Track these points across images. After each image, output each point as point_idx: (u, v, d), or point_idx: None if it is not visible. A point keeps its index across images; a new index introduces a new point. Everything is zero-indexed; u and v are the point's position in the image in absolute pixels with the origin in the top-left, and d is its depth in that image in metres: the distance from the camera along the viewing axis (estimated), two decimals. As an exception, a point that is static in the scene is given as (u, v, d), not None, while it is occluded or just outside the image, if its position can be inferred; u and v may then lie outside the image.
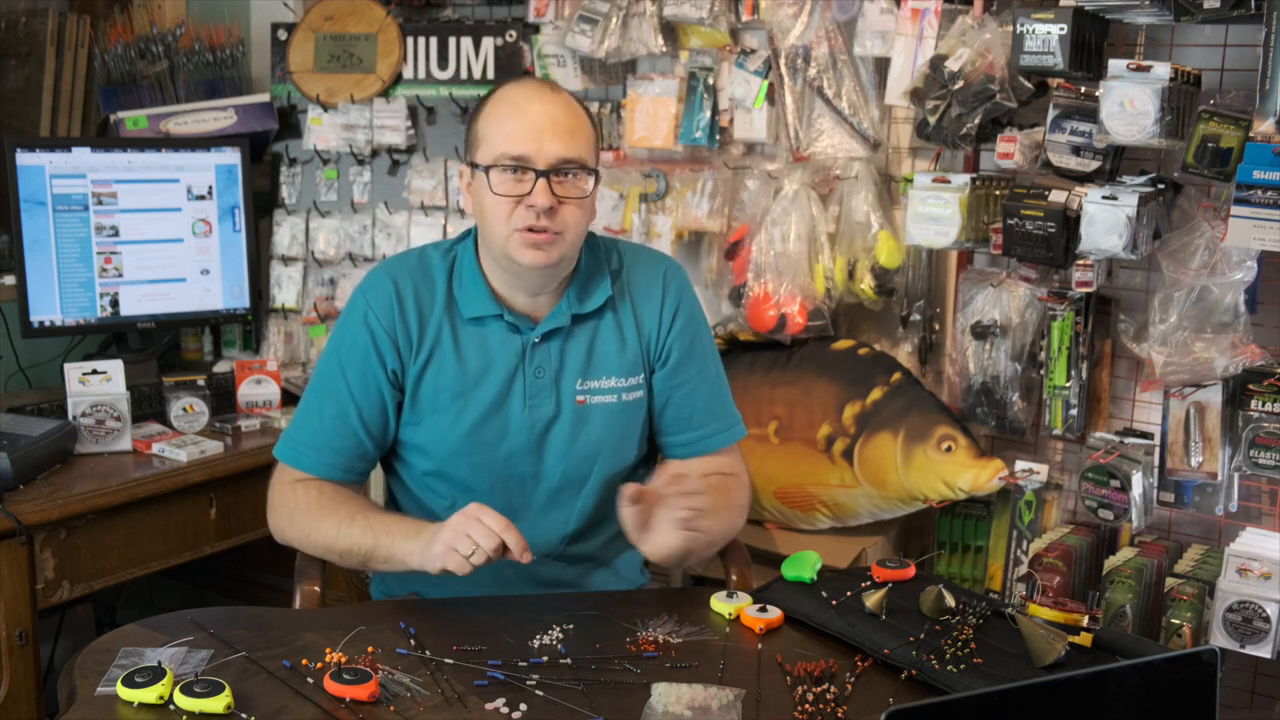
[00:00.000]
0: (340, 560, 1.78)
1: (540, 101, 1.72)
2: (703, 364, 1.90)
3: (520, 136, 1.70)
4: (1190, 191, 2.21)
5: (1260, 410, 2.07)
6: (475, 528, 1.58)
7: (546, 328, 1.81)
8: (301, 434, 1.83)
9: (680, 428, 1.90)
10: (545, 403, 1.81)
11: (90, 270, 2.71)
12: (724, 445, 1.91)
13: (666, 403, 1.89)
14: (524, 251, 1.72)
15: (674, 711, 1.36)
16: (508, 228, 1.72)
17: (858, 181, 2.56)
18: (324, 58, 3.07)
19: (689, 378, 1.88)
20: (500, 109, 1.74)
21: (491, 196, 1.71)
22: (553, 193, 1.69)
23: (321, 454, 1.80)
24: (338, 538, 1.74)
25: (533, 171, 1.69)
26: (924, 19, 2.39)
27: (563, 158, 1.70)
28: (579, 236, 1.76)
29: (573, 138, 1.71)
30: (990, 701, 1.07)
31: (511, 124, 1.71)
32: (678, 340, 1.87)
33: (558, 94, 1.76)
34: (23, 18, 2.93)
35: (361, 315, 1.81)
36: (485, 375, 1.80)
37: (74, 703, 1.41)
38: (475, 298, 1.81)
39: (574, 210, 1.72)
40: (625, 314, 1.86)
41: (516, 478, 1.83)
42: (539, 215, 1.69)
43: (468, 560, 1.57)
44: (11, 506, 2.09)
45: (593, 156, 1.76)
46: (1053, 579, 2.19)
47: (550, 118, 1.71)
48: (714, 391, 1.92)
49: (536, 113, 1.71)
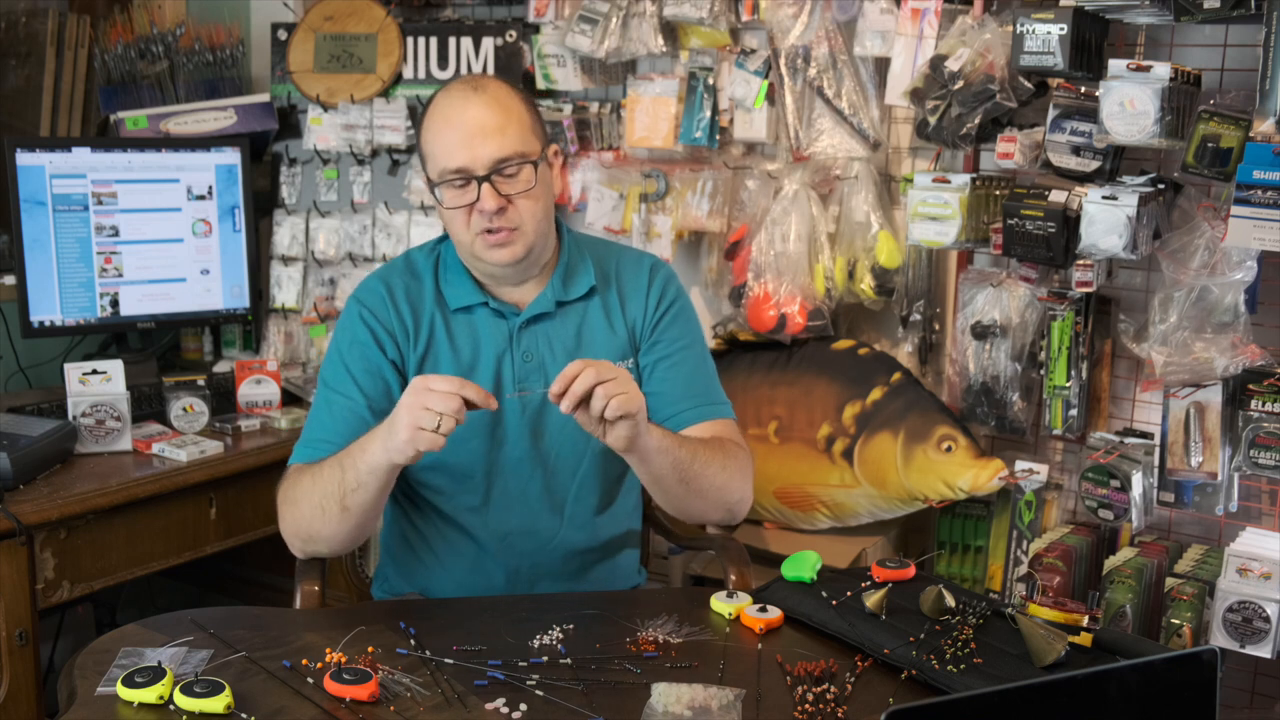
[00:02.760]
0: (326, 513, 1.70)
1: (466, 108, 1.75)
2: (686, 344, 1.91)
3: (454, 148, 1.74)
4: (1190, 191, 2.21)
5: (1260, 410, 2.07)
6: (429, 399, 1.54)
7: (531, 313, 1.84)
8: (314, 433, 1.83)
9: (660, 404, 1.87)
10: (535, 386, 1.82)
11: (90, 270, 2.71)
12: (702, 419, 1.87)
13: (649, 378, 1.89)
14: (490, 252, 1.78)
15: (674, 711, 1.36)
16: (469, 234, 1.78)
17: (858, 181, 2.56)
18: (324, 58, 3.07)
19: (672, 352, 1.89)
20: (434, 123, 1.79)
21: (447, 210, 1.78)
22: (499, 193, 1.74)
23: (335, 445, 1.78)
24: (314, 488, 1.70)
25: (474, 179, 1.74)
26: (924, 19, 2.39)
27: (497, 158, 1.74)
28: (539, 222, 1.79)
29: (503, 135, 1.74)
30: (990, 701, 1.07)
31: (445, 137, 1.76)
32: (662, 320, 1.90)
33: (482, 93, 1.77)
34: (23, 18, 2.93)
35: (357, 315, 1.84)
36: (477, 362, 1.84)
37: (74, 703, 1.41)
38: (460, 289, 1.85)
39: (525, 202, 1.77)
40: (613, 301, 1.90)
41: (512, 463, 1.83)
42: (490, 218, 1.74)
43: (438, 432, 1.54)
44: (11, 506, 2.09)
45: (532, 143, 1.78)
46: (1053, 579, 2.19)
47: (478, 122, 1.74)
48: (696, 372, 1.91)
49: (464, 121, 1.75)
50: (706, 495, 1.79)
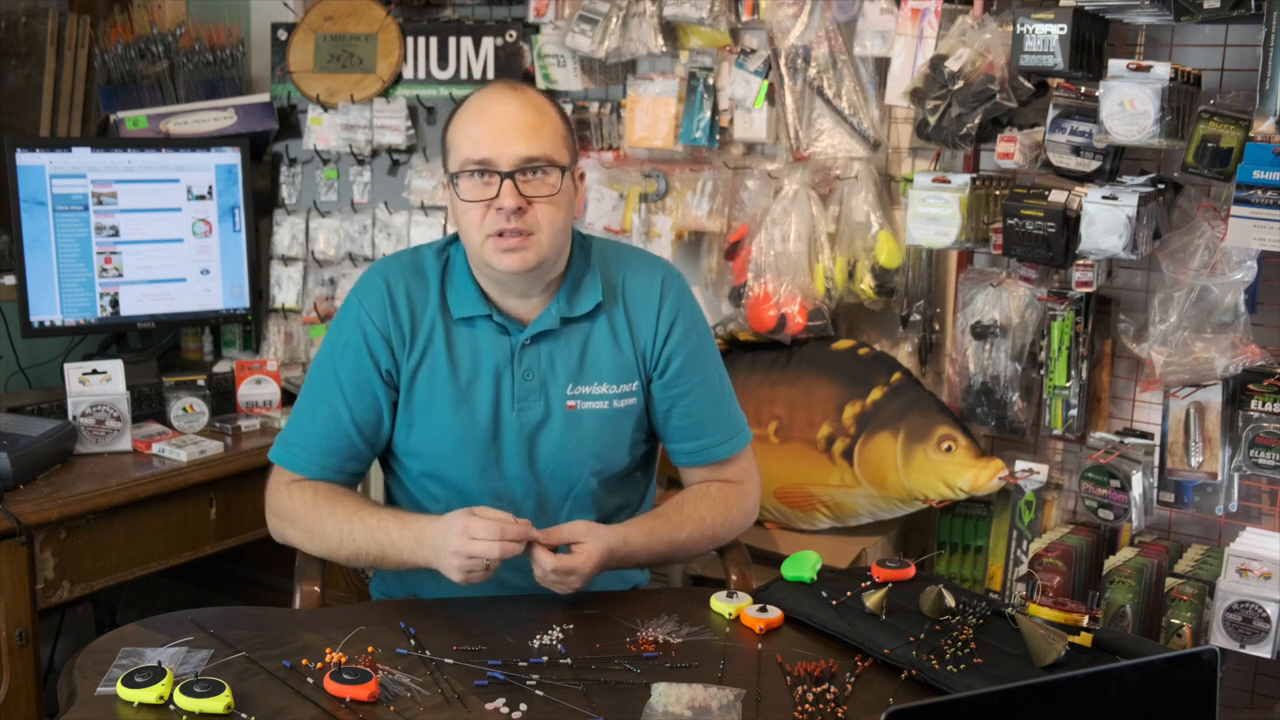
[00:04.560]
0: (351, 562, 1.79)
1: (502, 104, 1.73)
2: (705, 371, 1.89)
3: (483, 140, 1.70)
4: (1190, 191, 2.21)
5: (1260, 410, 2.07)
6: (475, 547, 1.60)
7: (535, 330, 1.80)
8: (295, 436, 1.83)
9: (684, 436, 1.89)
10: (534, 405, 1.80)
11: (90, 270, 2.71)
12: (729, 454, 1.91)
13: (670, 411, 1.88)
14: (500, 257, 1.72)
15: (674, 711, 1.36)
16: (481, 234, 1.72)
17: (858, 181, 2.56)
18: (324, 58, 3.07)
19: (692, 386, 1.87)
20: (465, 115, 1.76)
21: (462, 203, 1.73)
22: (520, 193, 1.69)
23: (314, 455, 1.80)
24: (341, 543, 1.75)
25: (497, 174, 1.70)
26: (924, 19, 2.39)
27: (526, 157, 1.70)
28: (556, 234, 1.74)
29: (536, 135, 1.71)
30: (990, 701, 1.07)
31: (474, 129, 1.72)
32: (677, 349, 1.86)
33: (521, 94, 1.75)
34: (23, 18, 2.93)
35: (355, 316, 1.82)
36: (476, 377, 1.80)
37: (74, 703, 1.41)
38: (465, 298, 1.81)
39: (546, 208, 1.72)
40: (619, 320, 1.85)
41: (508, 480, 1.82)
42: (508, 217, 1.69)
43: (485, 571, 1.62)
44: (11, 506, 2.09)
45: (562, 152, 1.75)
46: (1053, 579, 2.19)
47: (512, 118, 1.71)
48: (718, 399, 1.91)
49: (498, 115, 1.72)
50: (695, 553, 1.91)
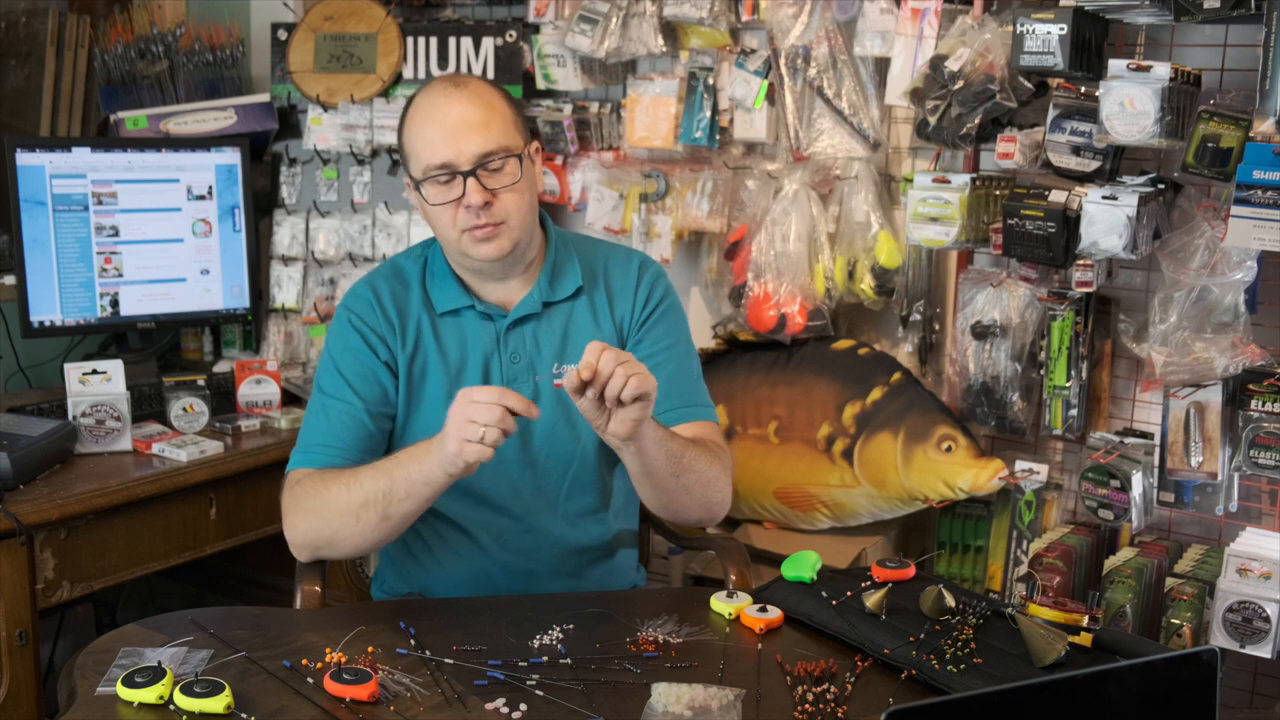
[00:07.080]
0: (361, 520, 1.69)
1: (449, 103, 1.76)
2: (670, 344, 1.90)
3: (438, 144, 1.75)
4: (1190, 191, 2.21)
5: (1260, 410, 2.07)
6: (474, 410, 1.55)
7: (518, 314, 1.85)
8: (312, 438, 1.83)
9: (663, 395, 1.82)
10: (524, 387, 1.82)
11: (90, 270, 2.71)
12: (684, 421, 1.85)
13: None
14: (477, 247, 1.78)
15: (674, 711, 1.36)
16: (455, 231, 1.78)
17: (858, 181, 2.56)
18: (324, 58, 3.07)
19: (668, 346, 1.89)
20: (416, 120, 1.80)
21: (432, 207, 1.78)
22: (484, 187, 1.74)
23: (333, 450, 1.80)
24: (349, 495, 1.69)
25: (459, 174, 1.74)
26: (924, 19, 2.39)
27: (482, 153, 1.74)
28: (524, 217, 1.80)
29: (487, 129, 1.75)
30: (990, 701, 1.07)
31: (428, 133, 1.77)
32: (653, 315, 1.90)
33: (463, 89, 1.78)
34: (23, 18, 2.93)
35: (346, 321, 1.86)
36: (465, 365, 1.84)
37: (74, 703, 1.41)
38: (447, 292, 1.86)
39: (511, 196, 1.77)
40: (600, 300, 1.90)
41: (506, 462, 1.83)
42: (477, 214, 1.75)
43: (483, 443, 1.55)
44: (11, 506, 2.09)
45: (515, 138, 1.79)
46: (1053, 579, 2.19)
47: (462, 118, 1.75)
48: (679, 373, 1.89)
49: (447, 116, 1.76)
50: (693, 491, 1.77)
